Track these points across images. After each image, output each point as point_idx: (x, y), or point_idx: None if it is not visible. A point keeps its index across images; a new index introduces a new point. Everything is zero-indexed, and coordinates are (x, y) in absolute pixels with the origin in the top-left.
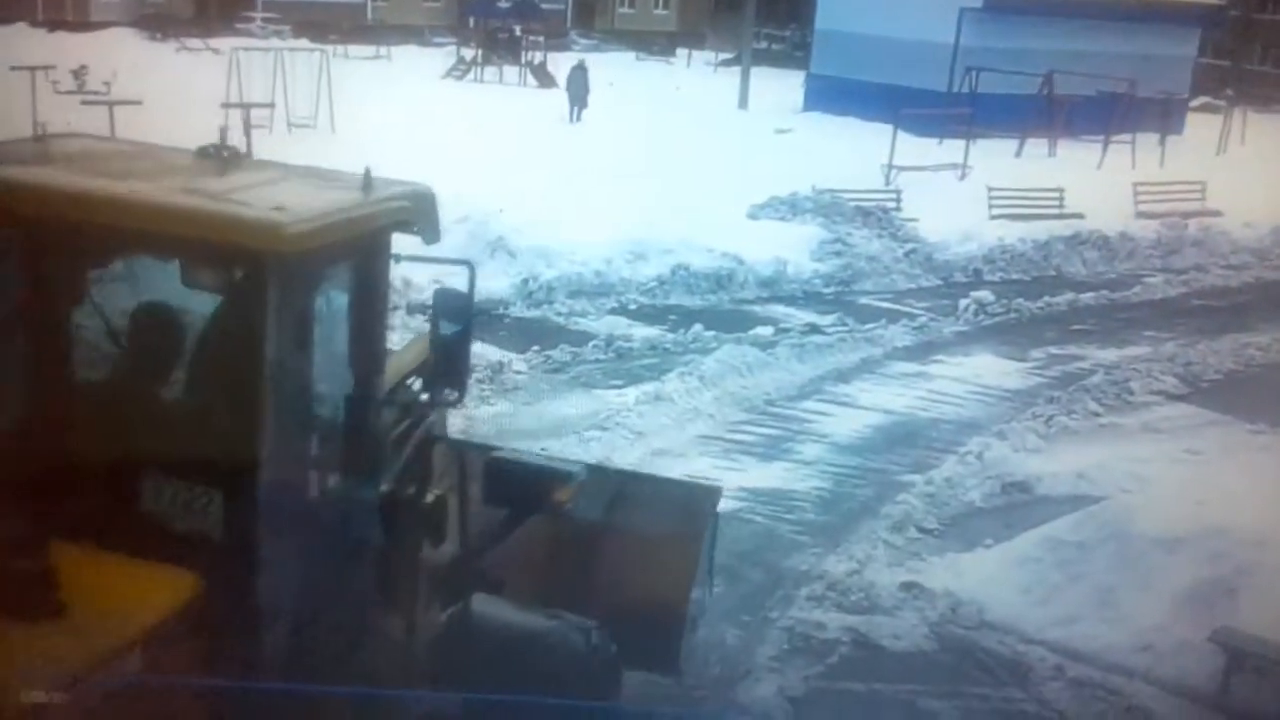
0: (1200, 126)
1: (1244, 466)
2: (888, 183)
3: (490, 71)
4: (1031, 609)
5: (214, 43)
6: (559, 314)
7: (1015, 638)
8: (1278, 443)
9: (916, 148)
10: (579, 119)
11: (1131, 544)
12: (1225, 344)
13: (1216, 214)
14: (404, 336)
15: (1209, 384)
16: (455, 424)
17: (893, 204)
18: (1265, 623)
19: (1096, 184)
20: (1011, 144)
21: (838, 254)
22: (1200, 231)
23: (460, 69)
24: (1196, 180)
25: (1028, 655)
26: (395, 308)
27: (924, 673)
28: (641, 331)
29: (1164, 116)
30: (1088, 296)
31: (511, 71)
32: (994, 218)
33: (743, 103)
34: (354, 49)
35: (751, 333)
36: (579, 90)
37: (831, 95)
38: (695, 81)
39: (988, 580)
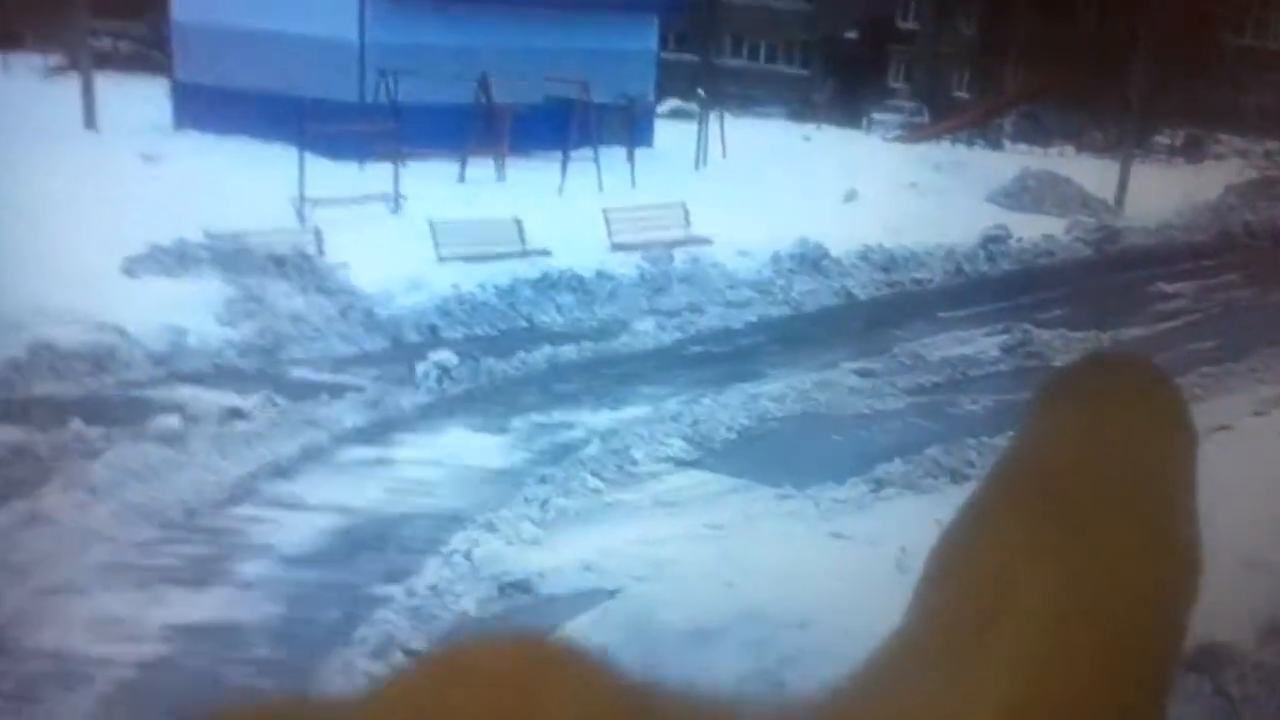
0: (673, 136)
1: (773, 537)
2: (303, 221)
3: None
4: None
5: None
6: None
7: None
8: (807, 507)
9: (333, 174)
10: None
11: (658, 640)
12: (734, 396)
13: (706, 241)
14: None
15: (722, 444)
16: None
17: (313, 247)
18: None
19: (560, 212)
20: (451, 166)
21: (252, 315)
22: (689, 264)
23: None
24: (676, 202)
25: None
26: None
27: None
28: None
29: (629, 126)
30: (569, 350)
31: None
32: (443, 259)
33: (90, 121)
34: None
35: (152, 425)
36: None
37: (211, 109)
38: (21, 95)
39: None
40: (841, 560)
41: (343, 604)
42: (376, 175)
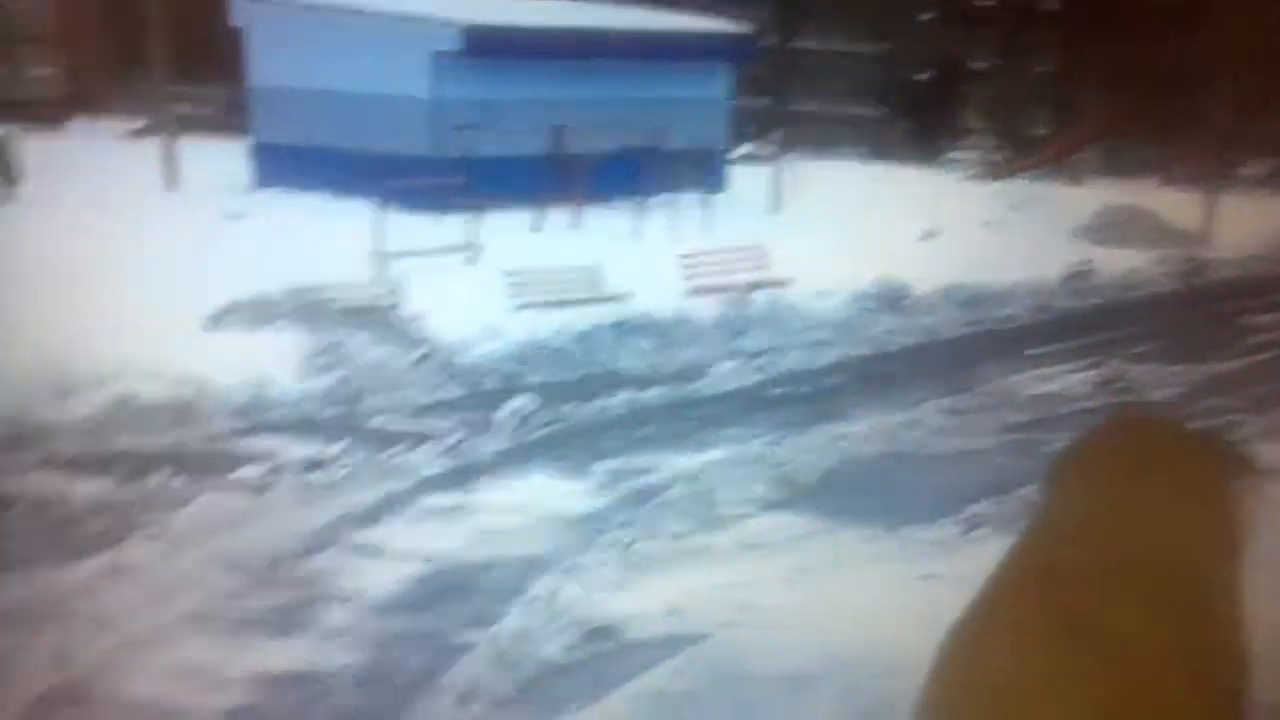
0: (747, 180)
1: (862, 581)
2: (381, 273)
3: None
4: None
5: None
6: None
7: None
8: (895, 549)
9: (410, 228)
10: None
11: (747, 687)
12: (818, 437)
13: (784, 283)
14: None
15: (806, 486)
16: None
17: (391, 299)
18: None
19: (636, 258)
20: (526, 216)
21: (331, 367)
22: (768, 306)
23: None
24: (753, 245)
25: None
26: None
27: None
28: (84, 488)
29: (703, 171)
30: (649, 394)
31: None
32: (521, 307)
33: (171, 183)
34: None
35: (235, 475)
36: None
37: (289, 168)
38: (104, 158)
39: None
40: (932, 603)
41: (426, 651)
42: (454, 227)
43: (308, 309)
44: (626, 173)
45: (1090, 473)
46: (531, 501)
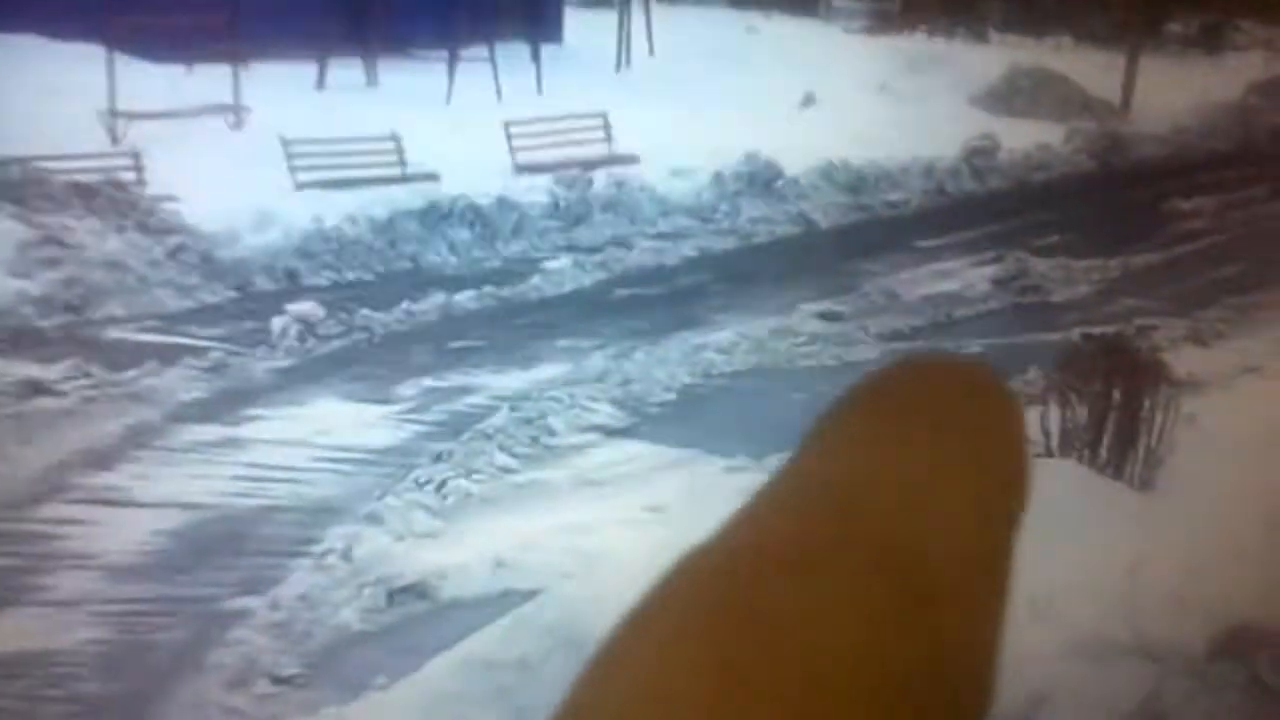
0: (589, 29)
1: (725, 519)
2: (117, 141)
3: None
4: None
5: None
6: None
7: None
8: (764, 480)
9: (155, 81)
10: None
11: (587, 651)
12: (673, 349)
13: (632, 160)
14: None
15: (660, 408)
16: None
17: (131, 174)
18: None
19: (449, 126)
20: (308, 69)
21: (54, 263)
22: (613, 188)
23: None
24: (595, 112)
25: None
26: None
27: None
28: None
29: (534, 18)
30: (467, 297)
31: None
32: (302, 186)
33: None
34: None
35: None
36: None
37: None
38: None
39: None
40: None
41: (189, 622)
42: (210, 81)
43: (20, 187)
44: (436, 15)
45: (842, 432)
46: (319, 432)
